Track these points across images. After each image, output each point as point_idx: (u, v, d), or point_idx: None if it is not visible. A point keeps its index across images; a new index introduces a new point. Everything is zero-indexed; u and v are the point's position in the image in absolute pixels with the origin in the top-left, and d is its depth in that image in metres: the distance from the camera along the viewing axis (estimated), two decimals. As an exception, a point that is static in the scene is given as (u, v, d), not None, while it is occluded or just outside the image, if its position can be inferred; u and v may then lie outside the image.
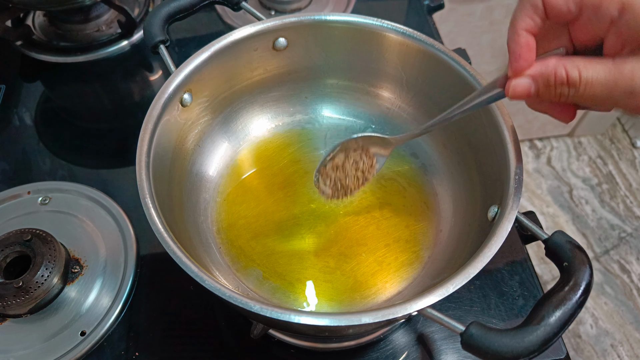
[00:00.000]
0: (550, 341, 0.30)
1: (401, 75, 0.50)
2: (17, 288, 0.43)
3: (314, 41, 0.50)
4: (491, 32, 1.12)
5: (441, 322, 0.32)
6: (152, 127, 0.40)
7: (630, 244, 1.35)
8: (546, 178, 1.48)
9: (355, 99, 0.54)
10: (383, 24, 0.47)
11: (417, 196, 0.50)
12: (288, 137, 0.54)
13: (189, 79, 0.44)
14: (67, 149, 0.60)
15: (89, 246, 0.49)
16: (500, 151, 0.40)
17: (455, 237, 0.45)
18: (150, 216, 0.35)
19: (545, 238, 0.35)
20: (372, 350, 0.46)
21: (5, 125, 0.62)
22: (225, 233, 0.48)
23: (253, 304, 0.31)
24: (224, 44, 0.46)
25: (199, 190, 0.49)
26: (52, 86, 0.67)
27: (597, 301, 1.26)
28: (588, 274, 0.32)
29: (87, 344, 0.44)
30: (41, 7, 0.66)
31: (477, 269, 0.33)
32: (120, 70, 0.68)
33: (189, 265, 0.33)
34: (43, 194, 0.53)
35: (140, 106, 0.64)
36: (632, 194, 1.45)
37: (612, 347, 1.19)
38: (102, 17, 0.70)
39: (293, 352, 0.46)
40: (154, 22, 0.45)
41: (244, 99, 0.52)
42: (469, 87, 0.44)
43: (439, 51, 0.46)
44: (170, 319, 0.47)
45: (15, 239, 0.45)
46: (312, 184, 0.51)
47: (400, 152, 0.53)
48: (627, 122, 1.57)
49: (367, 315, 0.31)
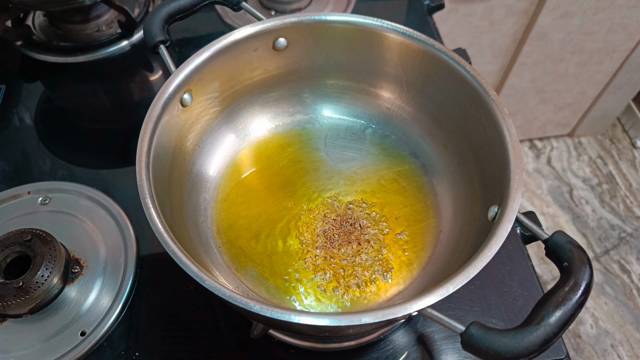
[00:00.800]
0: (550, 341, 0.30)
1: (401, 75, 0.50)
2: (17, 288, 0.43)
3: (314, 41, 0.50)
4: (491, 32, 1.12)
5: (441, 322, 0.32)
6: (152, 127, 0.40)
7: (630, 244, 1.35)
8: (546, 178, 1.48)
9: (355, 99, 0.54)
10: (383, 24, 0.47)
11: (417, 196, 0.50)
12: (288, 137, 0.54)
13: (189, 79, 0.44)
14: (67, 149, 0.60)
15: (89, 246, 0.49)
16: (500, 151, 0.40)
17: (455, 237, 0.45)
18: (150, 216, 0.35)
19: (545, 238, 0.35)
20: (372, 350, 0.46)
21: (5, 125, 0.62)
22: (225, 233, 0.48)
23: (253, 304, 0.31)
24: (224, 44, 0.46)
25: (199, 190, 0.49)
26: (52, 86, 0.67)
27: (597, 301, 1.26)
28: (588, 274, 0.32)
29: (87, 344, 0.44)
30: (41, 7, 0.66)
31: (477, 269, 0.33)
32: (120, 70, 0.68)
33: (189, 265, 0.33)
34: (43, 194, 0.53)
35: (140, 106, 0.64)
36: (632, 194, 1.45)
37: (612, 347, 1.19)
38: (102, 17, 0.70)
39: (293, 352, 0.46)
40: (154, 22, 0.45)
41: (244, 99, 0.52)
42: (469, 87, 0.44)
43: (439, 51, 0.46)
44: (170, 319, 0.47)
45: (15, 239, 0.45)
46: (312, 184, 0.51)
47: (401, 152, 0.53)
48: (627, 122, 1.57)
49: (367, 315, 0.31)
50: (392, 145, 0.54)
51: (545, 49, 1.16)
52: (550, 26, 1.10)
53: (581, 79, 1.28)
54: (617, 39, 1.17)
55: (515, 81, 1.26)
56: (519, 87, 1.28)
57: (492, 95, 0.42)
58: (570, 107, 1.39)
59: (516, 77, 1.25)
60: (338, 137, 0.54)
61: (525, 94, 1.31)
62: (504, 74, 1.26)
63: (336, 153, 0.53)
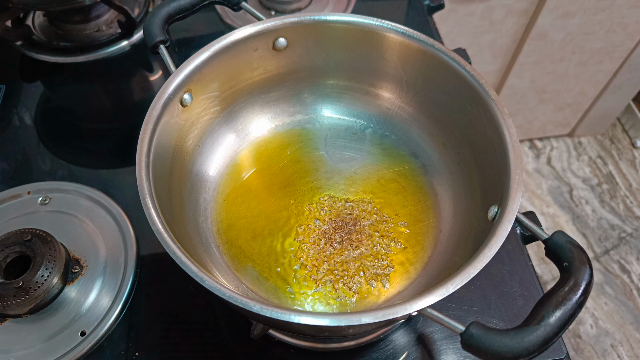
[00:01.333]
0: (550, 341, 0.30)
1: (401, 76, 0.50)
2: (17, 288, 0.43)
3: (314, 41, 0.50)
4: (491, 32, 1.12)
5: (441, 322, 0.32)
6: (152, 127, 0.40)
7: (630, 244, 1.35)
8: (546, 178, 1.48)
9: (355, 99, 0.54)
10: (383, 24, 0.47)
11: (417, 196, 0.50)
12: (288, 137, 0.54)
13: (189, 79, 0.44)
14: (67, 149, 0.60)
15: (89, 246, 0.49)
16: (500, 151, 0.40)
17: (455, 237, 0.45)
18: (150, 216, 0.35)
19: (545, 238, 0.35)
20: (372, 350, 0.46)
21: (5, 125, 0.62)
22: (225, 233, 0.48)
23: (253, 304, 0.31)
24: (224, 44, 0.46)
25: (199, 190, 0.49)
26: (52, 86, 0.67)
27: (597, 301, 1.26)
28: (588, 274, 0.32)
29: (87, 344, 0.44)
30: (41, 7, 0.66)
31: (477, 269, 0.33)
32: (120, 70, 0.69)
33: (189, 265, 0.33)
34: (43, 194, 0.53)
35: (140, 106, 0.64)
36: (632, 194, 1.45)
37: (612, 347, 1.19)
38: (102, 17, 0.70)
39: (293, 352, 0.46)
40: (154, 22, 0.45)
41: (244, 99, 0.52)
42: (469, 87, 0.44)
43: (439, 51, 0.46)
44: (170, 319, 0.47)
45: (15, 239, 0.45)
46: (312, 184, 0.51)
47: (400, 152, 0.53)
48: (627, 122, 1.57)
49: (367, 315, 0.31)
50: (392, 145, 0.54)
51: (545, 49, 1.16)
52: (550, 26, 1.10)
53: (581, 79, 1.28)
54: (617, 39, 1.17)
55: (515, 81, 1.26)
56: (519, 87, 1.28)
57: (492, 95, 0.42)
58: (570, 107, 1.39)
59: (516, 77, 1.25)
60: (338, 137, 0.54)
61: (525, 94, 1.31)
62: (504, 74, 1.26)
63: (336, 153, 0.53)
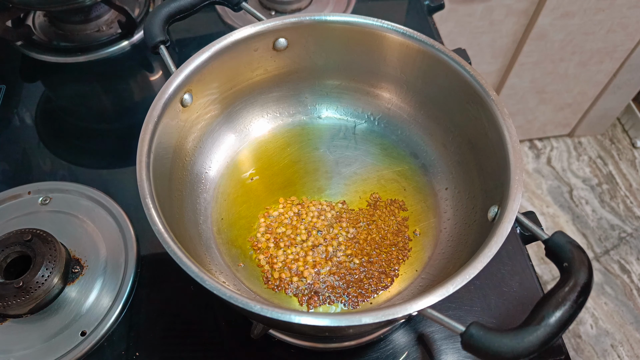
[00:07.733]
0: (550, 341, 0.30)
1: (401, 76, 0.50)
2: (17, 288, 0.43)
3: (314, 41, 0.50)
4: (491, 32, 1.12)
5: (441, 323, 0.32)
6: (153, 128, 0.40)
7: (630, 244, 1.35)
8: (546, 178, 1.48)
9: (355, 99, 0.54)
10: (383, 25, 0.47)
11: (417, 196, 0.50)
12: (288, 137, 0.54)
13: (189, 79, 0.44)
14: (67, 149, 0.60)
15: (89, 246, 0.49)
16: (500, 151, 0.40)
17: (455, 237, 0.45)
18: (151, 216, 0.35)
19: (545, 238, 0.36)
20: (372, 350, 0.46)
21: (5, 125, 0.62)
22: (225, 233, 0.48)
23: (253, 304, 0.31)
24: (224, 44, 0.46)
25: (199, 190, 0.49)
26: (52, 86, 0.67)
27: (597, 301, 1.26)
28: (588, 275, 0.32)
29: (87, 344, 0.44)
30: (41, 7, 0.66)
31: (477, 269, 0.33)
32: (120, 70, 0.69)
33: (189, 265, 0.33)
34: (43, 194, 0.53)
35: (141, 106, 0.64)
36: (632, 194, 1.45)
37: (612, 347, 1.19)
38: (103, 18, 0.70)
39: (293, 352, 0.46)
40: (154, 23, 0.45)
41: (244, 99, 0.52)
42: (469, 87, 0.44)
43: (439, 51, 0.46)
44: (170, 319, 0.47)
45: (15, 239, 0.45)
46: (312, 184, 0.51)
47: (400, 152, 0.53)
48: (627, 122, 1.57)
49: (367, 315, 0.31)
50: (392, 145, 0.54)
51: (545, 49, 1.16)
52: (550, 26, 1.10)
53: (581, 79, 1.28)
54: (617, 39, 1.17)
55: (515, 81, 1.26)
56: (519, 87, 1.28)
57: (492, 95, 0.42)
58: (570, 107, 1.39)
59: (516, 77, 1.25)
60: (338, 137, 0.54)
61: (525, 94, 1.31)
62: (504, 74, 1.26)
63: (336, 153, 0.53)
